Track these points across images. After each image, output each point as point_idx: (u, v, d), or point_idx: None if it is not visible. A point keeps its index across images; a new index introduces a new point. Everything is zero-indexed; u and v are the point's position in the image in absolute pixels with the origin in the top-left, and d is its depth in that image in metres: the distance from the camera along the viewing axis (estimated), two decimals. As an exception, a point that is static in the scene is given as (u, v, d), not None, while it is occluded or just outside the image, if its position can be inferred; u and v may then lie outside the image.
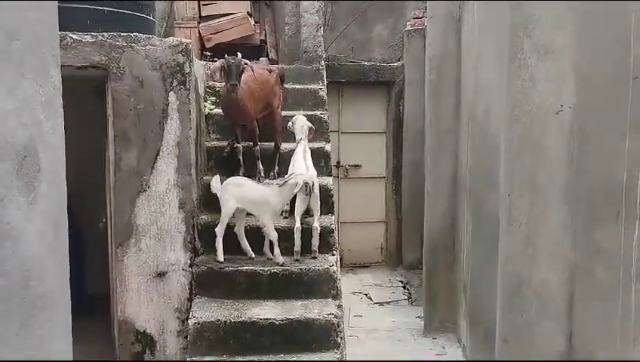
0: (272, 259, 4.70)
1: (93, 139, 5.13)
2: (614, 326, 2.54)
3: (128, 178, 4.47)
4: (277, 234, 4.65)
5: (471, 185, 5.41)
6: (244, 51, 5.24)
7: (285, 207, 5.01)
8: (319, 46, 6.96)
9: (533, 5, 2.97)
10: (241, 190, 4.70)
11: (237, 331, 4.28)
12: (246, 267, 4.64)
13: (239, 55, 4.96)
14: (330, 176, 5.64)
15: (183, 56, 4.50)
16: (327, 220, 5.05)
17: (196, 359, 4.23)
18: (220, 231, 4.68)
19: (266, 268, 4.61)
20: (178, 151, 4.51)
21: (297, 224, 4.76)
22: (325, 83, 6.66)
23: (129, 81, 4.43)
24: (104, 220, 5.17)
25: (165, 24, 7.66)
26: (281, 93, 5.74)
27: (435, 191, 6.43)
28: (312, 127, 5.38)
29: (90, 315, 5.47)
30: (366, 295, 7.89)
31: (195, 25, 7.53)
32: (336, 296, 4.62)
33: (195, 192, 4.72)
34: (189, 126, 4.54)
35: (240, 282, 4.61)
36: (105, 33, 4.43)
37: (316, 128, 5.54)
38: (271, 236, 4.66)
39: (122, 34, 4.45)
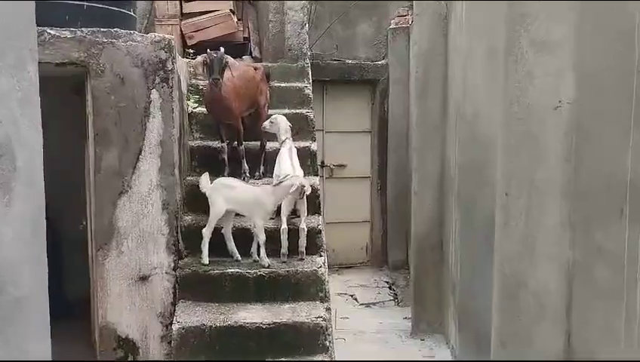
0: (258, 261, 4.59)
1: (75, 139, 4.98)
2: (617, 331, 2.46)
3: (109, 178, 4.34)
4: (265, 237, 4.54)
5: (460, 184, 5.34)
6: (228, 49, 5.11)
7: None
8: (304, 43, 6.87)
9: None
10: (232, 192, 4.56)
11: (223, 336, 4.16)
12: (232, 269, 4.52)
13: (222, 50, 4.83)
14: (317, 176, 5.54)
15: (166, 52, 4.38)
16: (314, 221, 4.95)
17: (181, 364, 4.12)
18: (207, 233, 4.55)
19: (253, 271, 4.50)
20: (161, 150, 4.39)
21: (284, 225, 4.65)
22: (310, 81, 6.56)
23: (109, 78, 4.30)
24: (84, 222, 5.01)
25: (146, 21, 7.51)
26: (268, 91, 5.62)
27: (422, 190, 6.36)
28: (291, 125, 5.26)
29: (71, 320, 5.32)
30: (352, 296, 7.81)
31: (176, 22, 7.39)
32: (325, 298, 4.52)
33: (178, 193, 4.59)
34: (172, 124, 4.41)
35: (226, 285, 4.49)
36: (84, 29, 4.29)
37: (298, 128, 5.47)
38: (259, 238, 4.54)
39: (102, 30, 4.31)
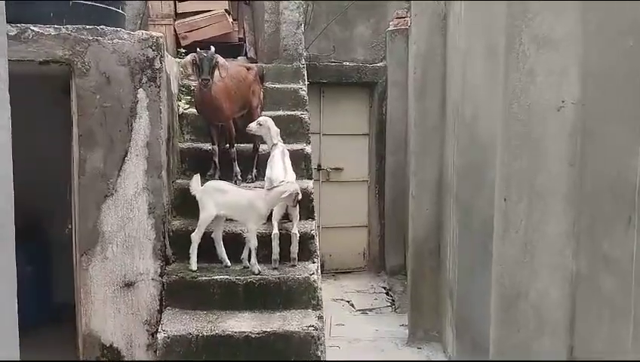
0: (248, 267, 4.43)
1: (60, 140, 4.82)
2: (624, 346, 2.30)
3: (93, 181, 4.18)
4: (257, 243, 4.37)
5: (457, 188, 5.19)
6: (222, 49, 4.96)
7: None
8: (300, 44, 6.72)
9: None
10: (223, 196, 4.38)
11: (210, 345, 3.99)
12: (221, 276, 4.35)
13: (212, 49, 4.68)
14: (311, 180, 5.38)
15: (154, 50, 4.23)
16: (307, 226, 4.79)
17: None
18: (196, 238, 4.38)
19: (242, 278, 4.34)
20: (148, 152, 4.23)
21: (275, 230, 4.48)
22: (306, 82, 6.41)
23: (95, 77, 4.15)
24: (69, 226, 4.85)
25: (140, 21, 7.40)
26: (261, 92, 5.47)
27: (420, 194, 6.21)
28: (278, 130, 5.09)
29: (57, 325, 5.19)
30: (348, 302, 7.65)
31: (170, 22, 7.27)
32: (317, 306, 4.36)
33: (166, 196, 4.43)
34: (159, 125, 4.26)
35: (214, 292, 4.32)
36: (69, 26, 4.14)
37: (293, 131, 5.39)
38: (251, 243, 4.37)
39: (88, 27, 4.16)
